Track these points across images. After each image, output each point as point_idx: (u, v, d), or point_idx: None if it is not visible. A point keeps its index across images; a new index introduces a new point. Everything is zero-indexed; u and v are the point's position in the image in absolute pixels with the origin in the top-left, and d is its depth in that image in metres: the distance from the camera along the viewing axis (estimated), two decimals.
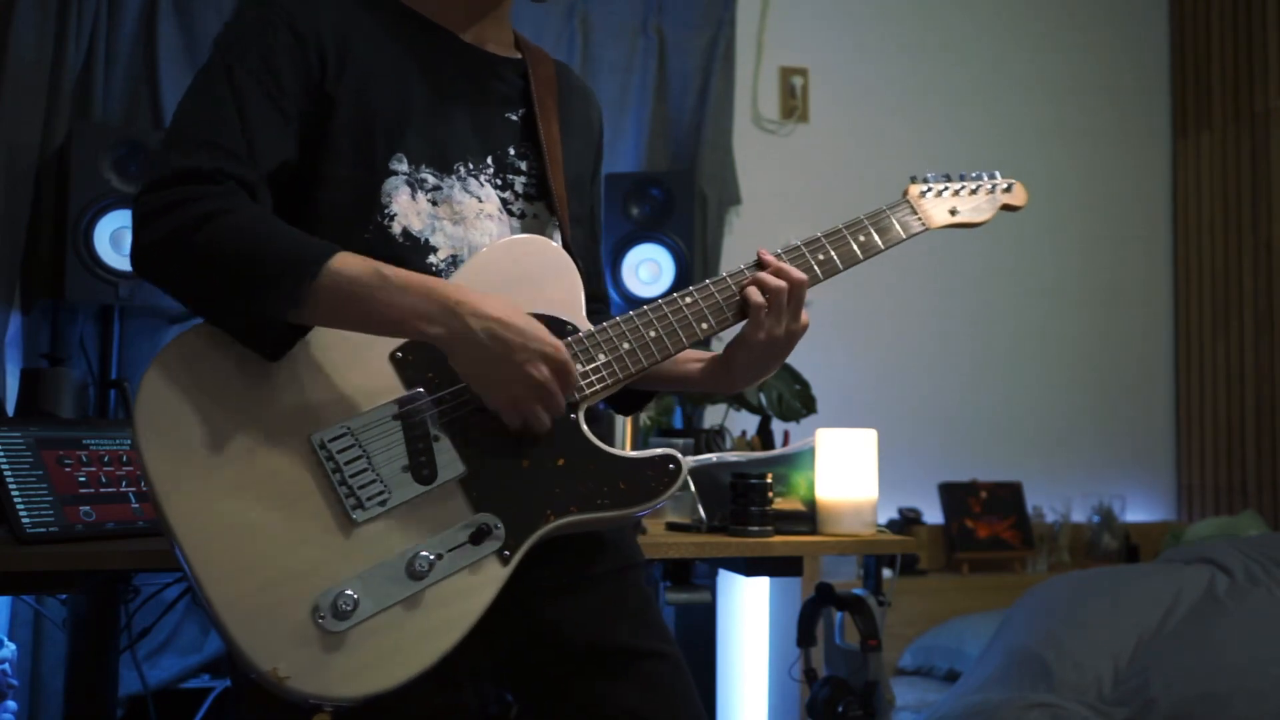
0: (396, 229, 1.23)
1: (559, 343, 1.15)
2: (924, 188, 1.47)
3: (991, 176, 1.51)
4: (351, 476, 1.11)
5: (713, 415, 3.39)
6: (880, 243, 1.39)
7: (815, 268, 1.34)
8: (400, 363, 1.17)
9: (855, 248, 1.38)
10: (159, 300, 2.64)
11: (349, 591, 1.07)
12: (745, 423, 3.31)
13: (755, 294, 1.29)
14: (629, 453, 1.22)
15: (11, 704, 1.83)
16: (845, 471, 1.89)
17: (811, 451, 1.93)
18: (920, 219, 1.43)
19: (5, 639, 1.87)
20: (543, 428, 1.15)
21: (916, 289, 3.98)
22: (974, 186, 1.49)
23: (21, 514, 1.44)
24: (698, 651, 2.70)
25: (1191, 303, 4.45)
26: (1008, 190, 1.52)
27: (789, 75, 3.96)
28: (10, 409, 2.43)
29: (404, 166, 1.24)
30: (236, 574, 1.06)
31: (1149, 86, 4.55)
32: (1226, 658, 2.54)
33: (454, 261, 1.25)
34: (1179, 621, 2.75)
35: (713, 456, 1.94)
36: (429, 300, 1.10)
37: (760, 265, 1.31)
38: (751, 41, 3.88)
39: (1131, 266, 4.45)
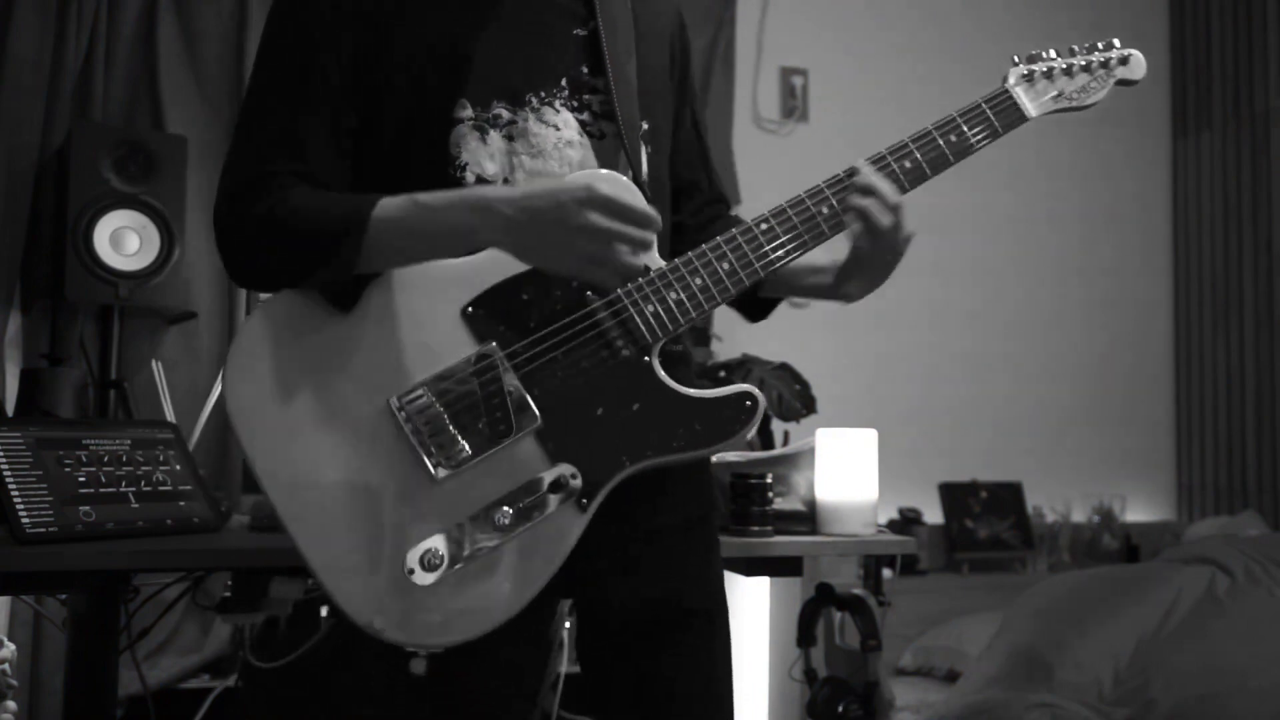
0: (470, 178, 1.22)
1: (593, 183, 1.10)
2: (1024, 70, 1.34)
3: (1108, 46, 1.38)
4: (430, 435, 1.14)
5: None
6: (973, 140, 1.31)
7: (901, 176, 1.28)
8: (471, 318, 1.18)
9: (946, 150, 1.30)
10: (159, 300, 2.64)
11: (435, 547, 1.12)
12: None
13: (850, 216, 1.27)
14: (704, 392, 1.22)
15: (11, 704, 1.83)
16: (845, 471, 1.89)
17: (811, 451, 1.93)
18: (1021, 109, 1.32)
19: (5, 639, 1.87)
20: (634, 270, 1.12)
21: (916, 289, 3.98)
22: (1084, 61, 1.37)
23: (21, 514, 1.44)
24: None
25: (1191, 303, 4.46)
26: (1124, 63, 1.38)
27: (789, 75, 3.96)
28: (10, 409, 2.43)
29: (468, 112, 1.22)
30: (330, 536, 1.12)
31: (1149, 86, 4.55)
32: (1226, 658, 2.54)
33: None
34: (1179, 621, 2.75)
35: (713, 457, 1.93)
36: (463, 213, 1.12)
37: (851, 175, 1.27)
38: (751, 41, 3.89)
39: (1131, 266, 4.46)
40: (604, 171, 1.22)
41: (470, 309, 1.18)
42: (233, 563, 1.87)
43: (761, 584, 3.17)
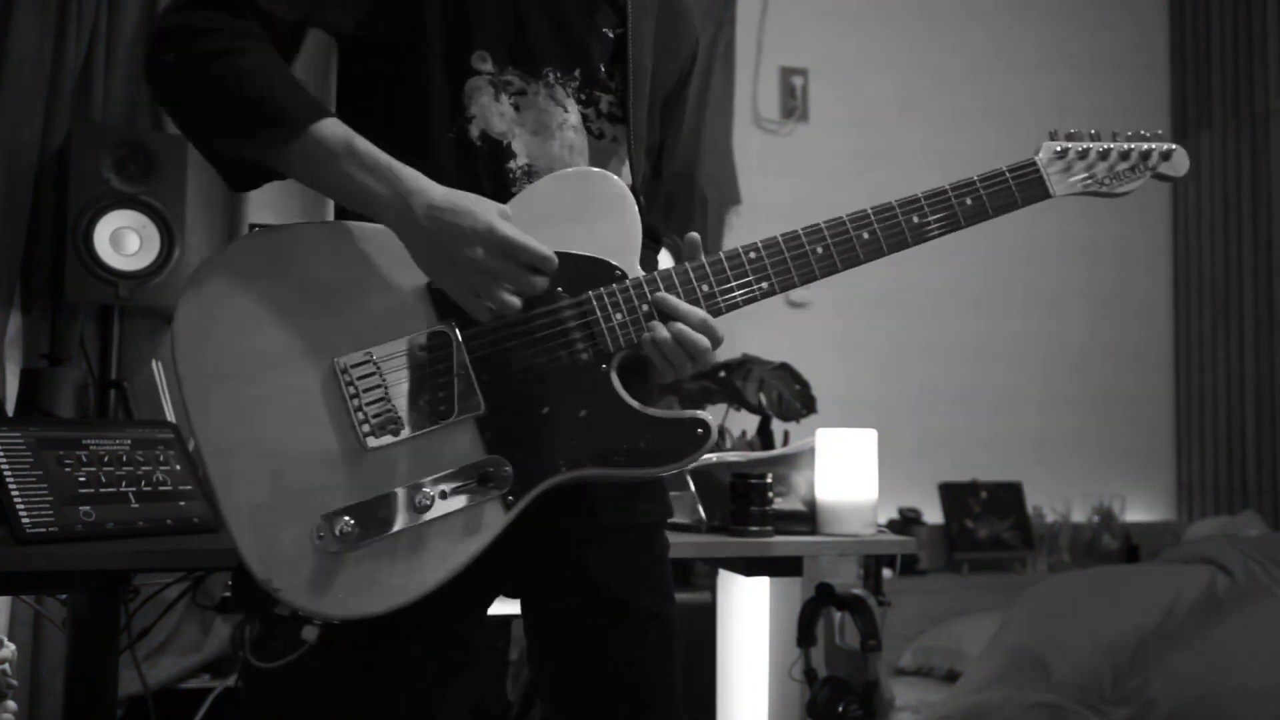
0: (475, 131, 1.21)
1: (497, 221, 1.10)
2: (1058, 147, 1.29)
3: (1156, 137, 1.33)
4: (368, 404, 1.12)
5: (712, 415, 3.39)
6: (990, 208, 1.26)
7: (906, 232, 1.24)
8: (436, 293, 1.15)
9: (959, 213, 1.25)
10: (159, 300, 2.64)
11: (349, 517, 1.09)
12: (745, 423, 3.31)
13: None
14: (657, 411, 1.19)
15: (11, 704, 1.83)
16: (845, 471, 1.89)
17: (811, 451, 1.93)
18: (1046, 185, 1.28)
19: (5, 639, 1.87)
20: (508, 307, 1.11)
21: (917, 289, 3.98)
22: (1124, 148, 1.31)
23: (21, 514, 1.44)
24: (698, 651, 2.70)
25: (1191, 302, 4.46)
26: (1166, 157, 1.33)
27: (789, 75, 3.95)
28: (10, 409, 2.43)
29: (488, 66, 1.21)
30: (247, 485, 1.09)
31: (1149, 86, 4.55)
32: (1226, 658, 2.54)
33: (529, 171, 1.22)
34: (1179, 621, 2.75)
35: (713, 456, 1.93)
36: (385, 184, 1.11)
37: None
38: (751, 41, 3.89)
39: (1131, 266, 4.46)
40: (592, 171, 1.22)
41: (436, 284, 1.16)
42: (233, 563, 1.85)
43: (761, 584, 3.17)
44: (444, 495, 1.12)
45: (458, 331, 1.15)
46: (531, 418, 1.16)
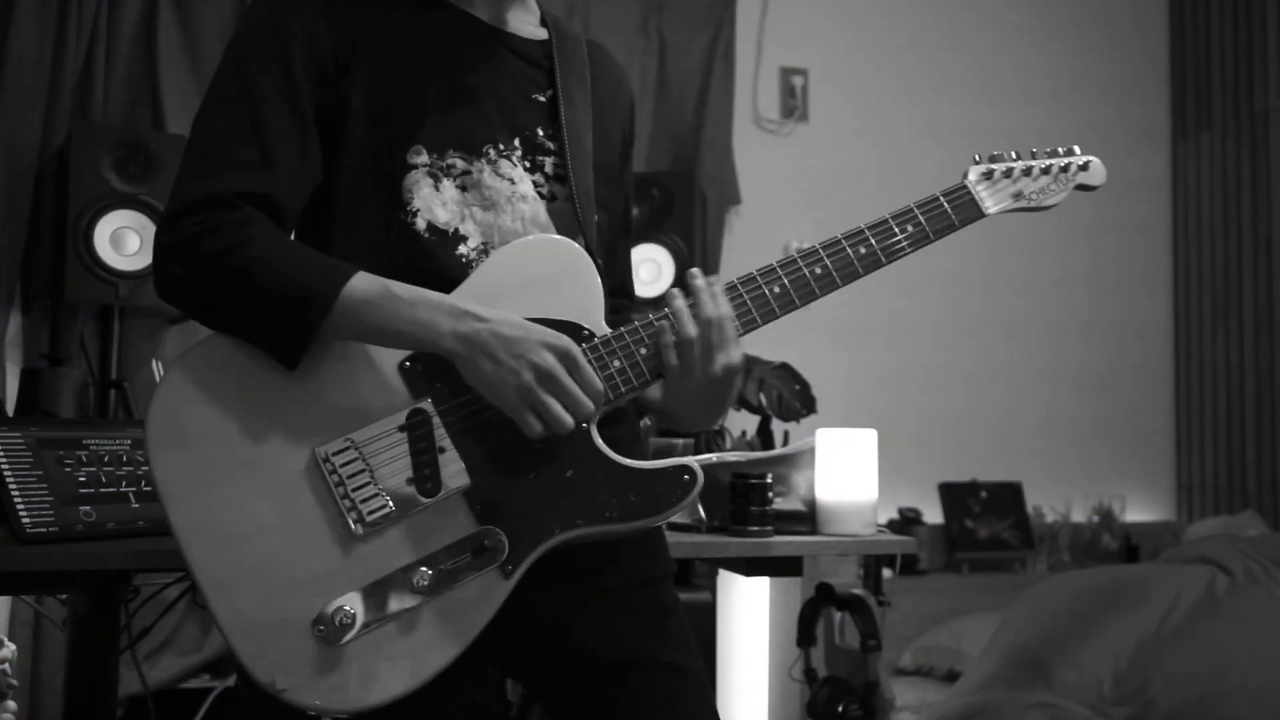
0: (421, 224, 1.21)
1: (562, 335, 1.12)
2: (985, 169, 1.35)
3: (1069, 152, 1.39)
4: (354, 490, 1.11)
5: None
6: (930, 233, 1.30)
7: (855, 263, 1.27)
8: (408, 373, 1.15)
9: (902, 240, 1.28)
10: (159, 300, 2.64)
11: (348, 606, 1.08)
12: (745, 423, 3.31)
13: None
14: (642, 463, 1.19)
15: (12, 704, 1.83)
16: (845, 471, 1.89)
17: (811, 451, 1.93)
18: (978, 204, 1.33)
19: (6, 639, 1.87)
20: (564, 427, 1.11)
21: (917, 288, 3.98)
22: (1045, 165, 1.37)
23: (21, 514, 1.44)
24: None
25: (1191, 302, 4.46)
26: (1084, 169, 1.39)
27: (789, 75, 3.96)
28: (10, 409, 2.43)
29: (424, 158, 1.21)
30: (239, 585, 1.07)
31: (1149, 86, 4.55)
32: (1226, 658, 2.54)
33: (485, 250, 1.22)
34: (1179, 621, 2.75)
35: (713, 456, 1.93)
36: (437, 310, 1.11)
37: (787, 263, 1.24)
38: (751, 41, 3.89)
39: (1131, 266, 4.46)
40: (545, 238, 1.23)
41: (408, 364, 1.15)
42: None
43: (761, 584, 3.17)
44: (441, 572, 1.11)
45: (435, 408, 1.15)
46: (519, 485, 1.15)
